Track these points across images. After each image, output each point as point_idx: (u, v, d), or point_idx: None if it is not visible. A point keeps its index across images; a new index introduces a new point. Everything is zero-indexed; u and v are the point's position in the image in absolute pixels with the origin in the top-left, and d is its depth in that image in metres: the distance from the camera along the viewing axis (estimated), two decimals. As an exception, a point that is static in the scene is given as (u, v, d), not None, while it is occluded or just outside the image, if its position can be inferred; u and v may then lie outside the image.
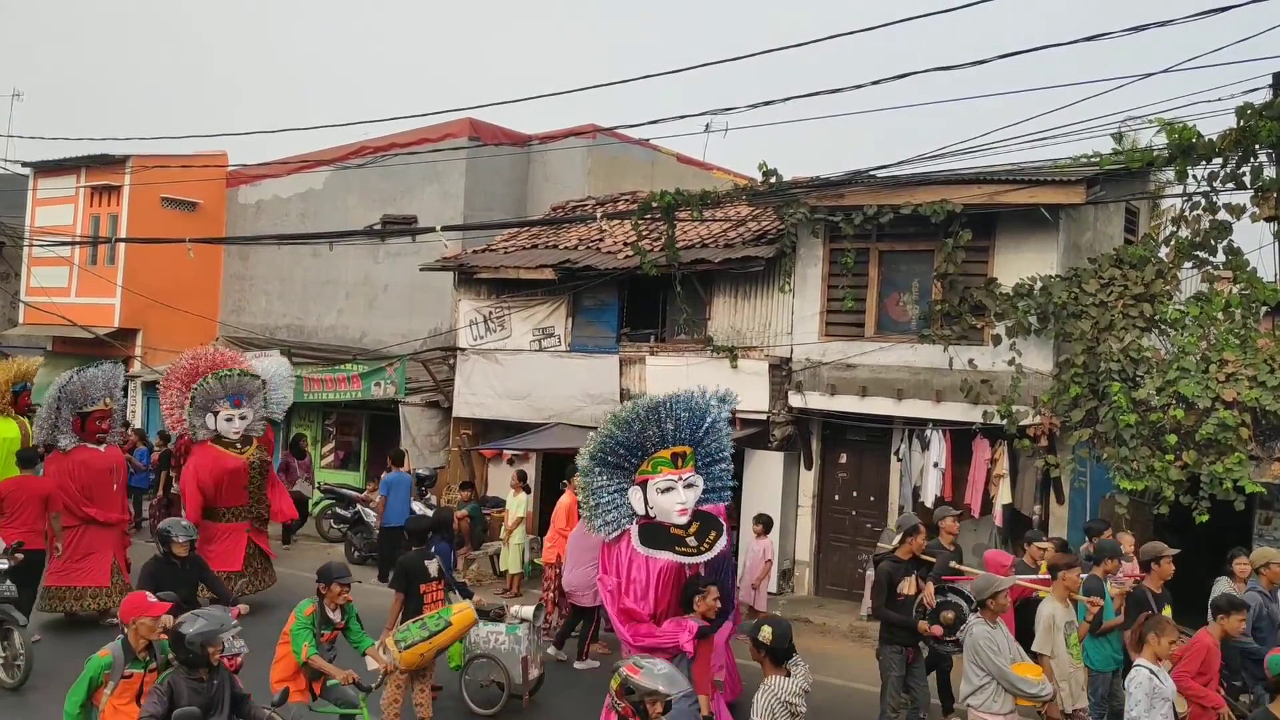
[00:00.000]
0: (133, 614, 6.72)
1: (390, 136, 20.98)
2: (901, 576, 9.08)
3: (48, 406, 12.49)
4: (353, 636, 8.25)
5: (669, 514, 8.40)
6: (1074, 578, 8.36)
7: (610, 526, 8.51)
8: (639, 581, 8.26)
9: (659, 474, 8.49)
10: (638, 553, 8.28)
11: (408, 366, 18.46)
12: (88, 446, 12.56)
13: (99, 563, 12.40)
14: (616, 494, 8.54)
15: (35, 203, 25.18)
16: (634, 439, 8.53)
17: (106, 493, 12.61)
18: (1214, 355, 11.50)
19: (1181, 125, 11.69)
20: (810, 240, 14.22)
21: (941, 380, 13.19)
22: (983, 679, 7.43)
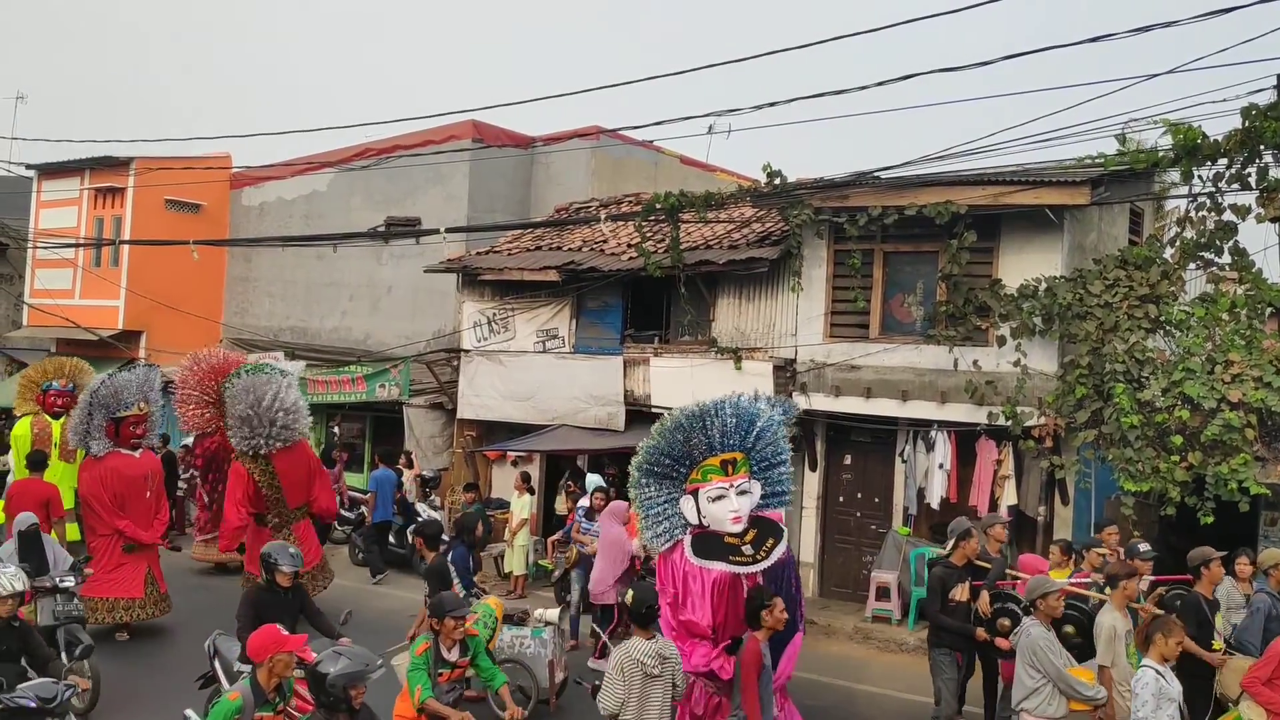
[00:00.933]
0: (268, 650, 6.33)
1: (394, 138, 21.01)
2: (955, 582, 8.96)
3: (80, 411, 12.14)
4: (483, 674, 7.60)
5: (722, 523, 8.04)
6: (1134, 587, 8.17)
7: (663, 538, 8.16)
8: (695, 593, 7.93)
9: (709, 482, 8.11)
10: (692, 563, 7.95)
11: (412, 368, 18.47)
12: (121, 452, 12.12)
13: (132, 573, 11.98)
14: (667, 504, 8.21)
15: (39, 205, 25.24)
16: (680, 448, 8.18)
17: (140, 500, 12.17)
18: (1219, 356, 11.48)
19: (1187, 126, 11.67)
20: (815, 241, 14.21)
21: (946, 381, 13.18)
22: (1038, 681, 7.35)
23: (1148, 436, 11.43)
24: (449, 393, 17.94)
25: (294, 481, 12.78)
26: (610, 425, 15.64)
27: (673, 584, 8.09)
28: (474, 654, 7.56)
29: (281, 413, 12.54)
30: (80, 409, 12.15)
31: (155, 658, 11.23)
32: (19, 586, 7.26)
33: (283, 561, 8.41)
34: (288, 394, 12.73)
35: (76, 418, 12.19)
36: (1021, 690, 7.47)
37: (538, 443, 16.05)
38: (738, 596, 7.83)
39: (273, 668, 6.30)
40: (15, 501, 11.92)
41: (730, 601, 7.86)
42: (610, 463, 16.34)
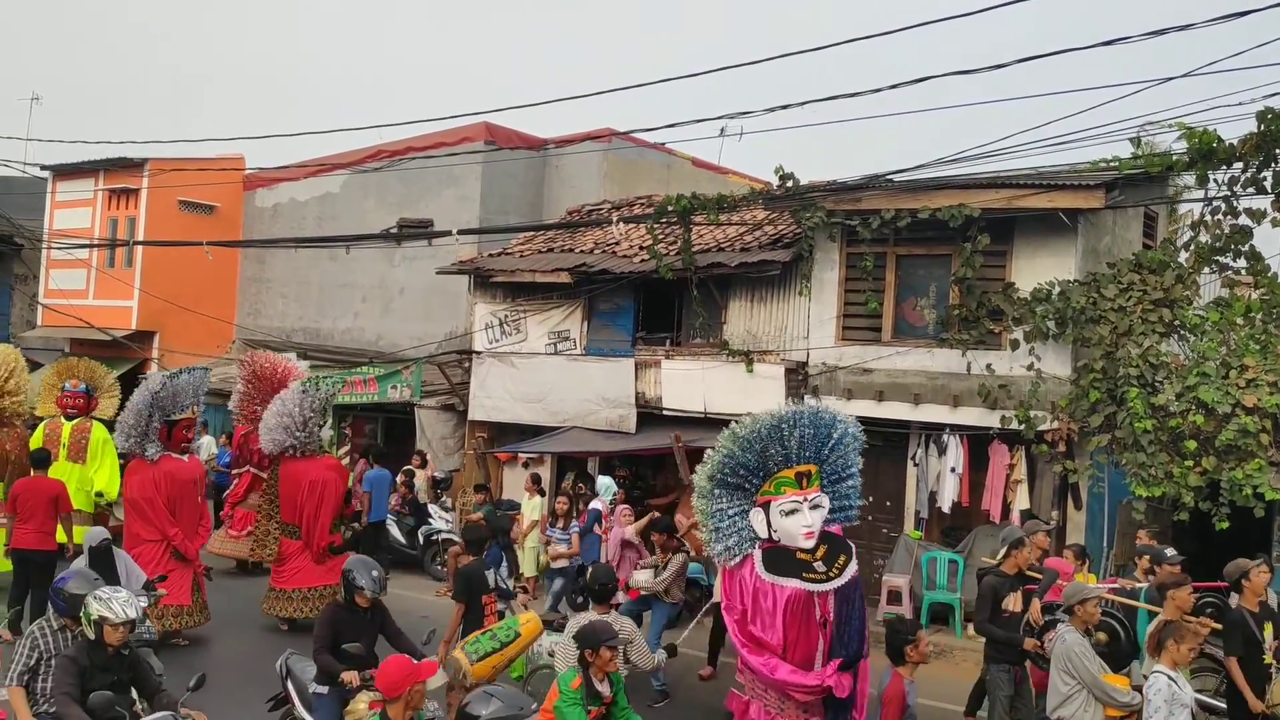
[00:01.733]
0: (405, 684, 6.00)
1: (407, 140, 21.06)
2: (1007, 592, 8.77)
3: (135, 414, 11.68)
4: (619, 713, 7.02)
5: (794, 538, 7.73)
6: (1185, 596, 7.99)
7: (731, 551, 7.79)
8: (765, 610, 7.57)
9: (782, 495, 7.79)
10: (763, 580, 7.61)
11: (424, 369, 18.50)
12: (173, 456, 11.83)
13: (180, 580, 11.55)
14: (737, 516, 7.85)
15: (54, 205, 25.38)
16: (755, 458, 7.81)
17: (191, 505, 11.92)
18: (1234, 360, 11.41)
19: (1202, 129, 11.61)
20: (827, 244, 14.19)
21: (959, 385, 13.14)
22: (1072, 688, 7.25)
23: (1161, 441, 11.38)
24: (460, 394, 17.96)
25: (287, 495, 12.78)
26: (621, 427, 15.64)
27: (740, 599, 7.75)
28: (616, 689, 6.99)
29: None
30: (138, 410, 11.71)
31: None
32: (131, 614, 6.61)
33: (364, 580, 7.69)
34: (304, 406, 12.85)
35: (130, 418, 11.71)
36: (1056, 697, 7.34)
37: (549, 444, 16.05)
38: (810, 615, 7.57)
39: (410, 700, 6.03)
40: (23, 499, 11.95)
41: (802, 620, 7.57)
42: (621, 465, 16.33)
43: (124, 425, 11.81)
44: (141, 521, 11.58)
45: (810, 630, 7.53)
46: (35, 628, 6.98)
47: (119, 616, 6.53)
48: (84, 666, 6.51)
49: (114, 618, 6.51)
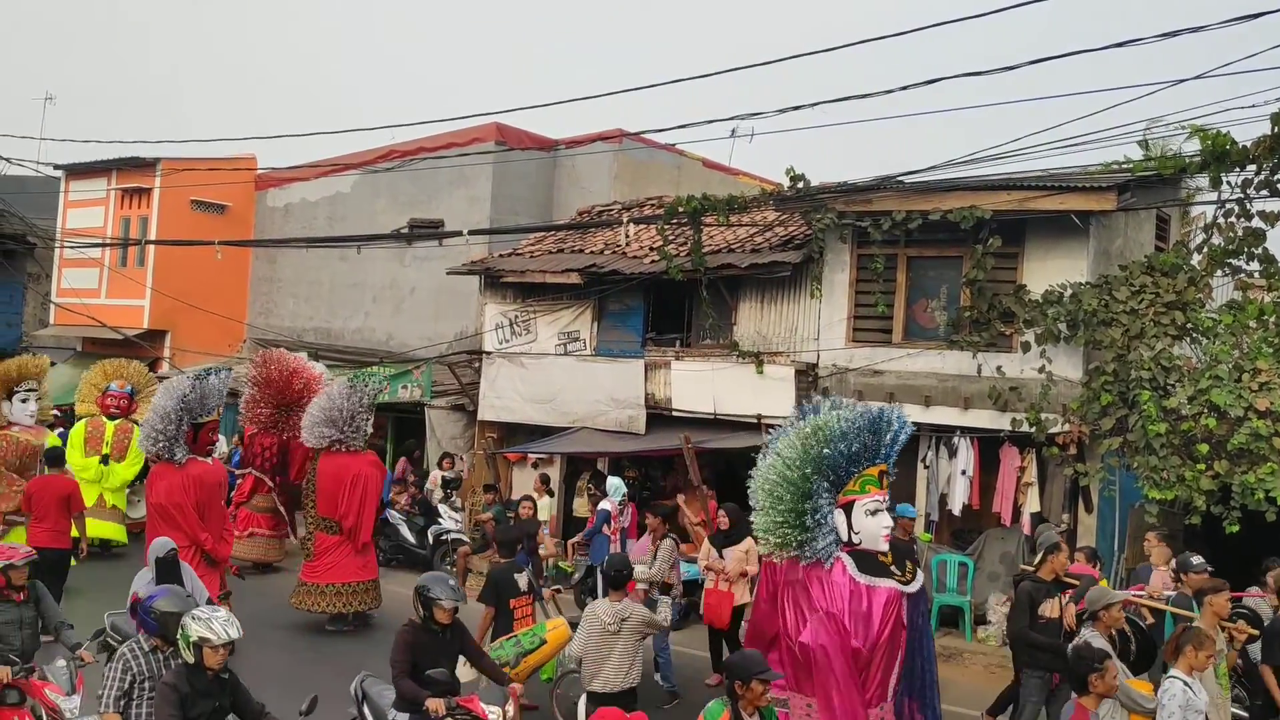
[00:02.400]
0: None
1: (418, 141, 21.09)
2: (1043, 598, 8.64)
3: (162, 417, 11.42)
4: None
5: (875, 539, 7.43)
6: (1222, 603, 7.88)
7: (828, 551, 7.40)
8: (860, 613, 7.20)
9: (868, 494, 7.47)
10: (859, 581, 7.26)
11: (434, 369, 18.52)
12: (199, 460, 11.69)
13: (209, 586, 11.34)
14: (829, 514, 7.49)
15: (66, 205, 25.47)
16: (853, 452, 7.48)
17: (218, 509, 11.81)
18: (1247, 364, 11.37)
19: (1215, 131, 11.56)
20: (837, 246, 14.16)
21: (969, 387, 13.10)
22: None
23: (1173, 444, 11.33)
24: (470, 394, 17.98)
25: (327, 490, 12.88)
26: (631, 428, 15.63)
27: (829, 602, 7.28)
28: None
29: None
30: (165, 413, 11.43)
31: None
32: (233, 634, 6.19)
33: (441, 594, 7.16)
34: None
35: (158, 422, 11.45)
36: None
37: (558, 445, 16.06)
38: (900, 619, 7.33)
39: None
40: (37, 498, 12.01)
41: (895, 624, 7.30)
42: (630, 465, 16.32)
43: (150, 429, 11.52)
44: (168, 526, 11.25)
45: (899, 635, 7.27)
46: (126, 649, 6.67)
47: (220, 637, 6.14)
48: (184, 693, 6.15)
49: (215, 639, 6.13)
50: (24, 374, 14.71)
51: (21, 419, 14.52)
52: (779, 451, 7.70)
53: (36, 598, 8.16)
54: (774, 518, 7.56)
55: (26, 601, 8.05)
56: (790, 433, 7.82)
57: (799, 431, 7.67)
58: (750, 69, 12.43)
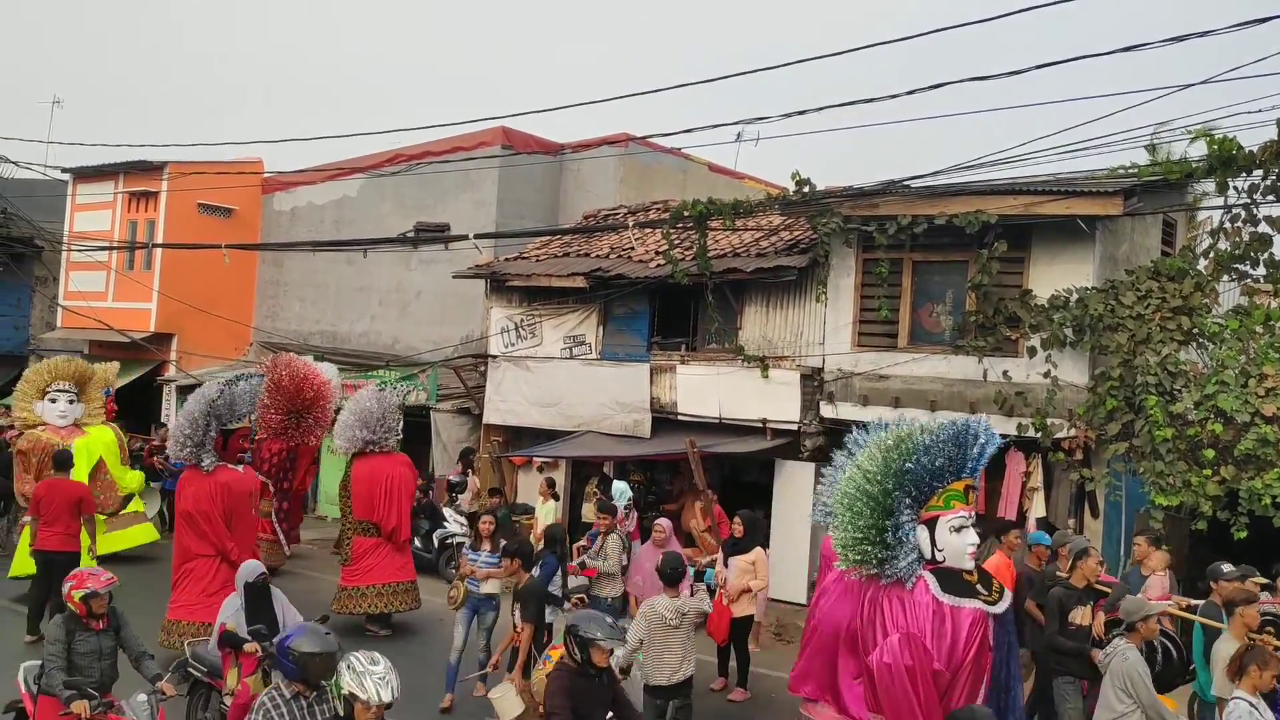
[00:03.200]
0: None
1: (424, 145, 21.12)
2: (1074, 604, 8.54)
3: (192, 423, 11.20)
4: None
5: (960, 557, 7.08)
6: (1253, 614, 7.79)
7: (911, 569, 7.05)
8: (946, 634, 6.87)
9: (952, 509, 7.12)
10: (941, 603, 6.92)
11: (439, 373, 18.54)
12: (228, 467, 11.44)
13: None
14: (911, 530, 7.13)
15: (74, 208, 25.52)
16: (936, 468, 7.14)
17: (247, 518, 11.56)
18: (1253, 369, 11.34)
19: (1222, 136, 11.54)
20: (843, 250, 14.16)
21: (975, 392, 13.08)
22: (1127, 707, 7.11)
23: (1180, 450, 11.30)
24: (476, 398, 17.99)
25: (363, 493, 12.93)
26: (636, 432, 15.64)
27: (909, 622, 6.94)
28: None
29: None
30: (194, 419, 11.22)
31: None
32: (388, 697, 5.40)
33: (600, 634, 6.41)
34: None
35: (186, 427, 11.23)
36: (1109, 713, 7.21)
37: (564, 449, 16.06)
38: (986, 641, 7.03)
39: None
40: (46, 501, 12.02)
41: (980, 647, 6.98)
42: (636, 469, 16.32)
43: (179, 434, 11.32)
44: (195, 535, 11.10)
45: (984, 657, 6.97)
46: (266, 698, 6.14)
47: (374, 699, 5.33)
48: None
49: (368, 699, 5.32)
50: (56, 375, 14.76)
51: (52, 419, 14.55)
52: (859, 464, 7.35)
53: (117, 626, 7.71)
54: (853, 533, 7.20)
55: (106, 630, 7.62)
56: (870, 445, 7.47)
57: (879, 443, 7.32)
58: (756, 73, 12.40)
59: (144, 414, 22.69)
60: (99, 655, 7.52)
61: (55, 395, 14.67)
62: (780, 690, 11.54)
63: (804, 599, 14.48)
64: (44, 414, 14.59)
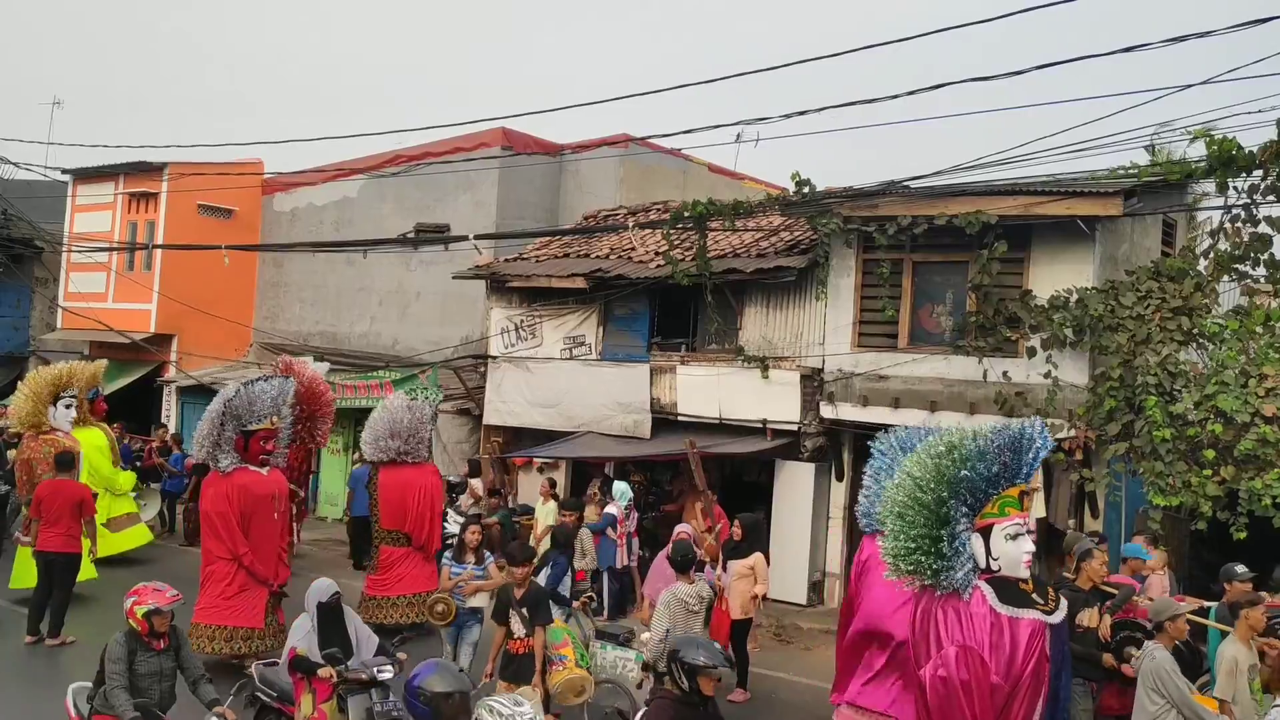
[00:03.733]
0: None
1: (424, 146, 21.11)
2: (1081, 607, 8.43)
3: (209, 423, 11.04)
4: None
5: (1015, 565, 6.84)
6: (1258, 617, 7.71)
7: (967, 580, 6.78)
8: (1004, 646, 6.65)
9: (1007, 517, 6.86)
10: (1000, 613, 6.69)
11: (439, 374, 18.54)
12: (249, 469, 11.11)
13: (252, 601, 11.00)
14: (965, 540, 6.85)
15: (74, 209, 25.50)
16: (993, 475, 6.88)
17: (267, 521, 11.19)
18: (1253, 370, 11.34)
19: (1222, 137, 11.54)
20: (843, 251, 14.17)
21: (975, 392, 13.08)
22: (1160, 708, 7.06)
23: (1179, 450, 11.30)
24: (476, 399, 18.00)
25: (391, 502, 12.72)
26: (636, 433, 15.64)
27: (965, 634, 6.71)
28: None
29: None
30: (210, 419, 11.08)
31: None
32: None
33: (708, 659, 5.87)
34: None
35: (204, 427, 11.10)
36: (1143, 716, 7.18)
37: (564, 449, 16.07)
38: (1044, 653, 6.80)
39: None
40: (48, 502, 12.02)
41: (1039, 658, 6.75)
42: (636, 470, 16.33)
43: (198, 435, 11.23)
44: (214, 538, 11.00)
45: (1043, 669, 6.76)
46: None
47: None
48: None
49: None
50: (72, 380, 14.70)
51: (63, 425, 14.45)
52: (909, 471, 7.04)
53: (176, 645, 7.41)
54: (905, 543, 6.88)
55: (167, 650, 7.30)
56: (919, 451, 7.21)
57: (929, 450, 7.04)
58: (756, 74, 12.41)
59: (144, 415, 22.70)
60: (159, 676, 7.19)
61: (69, 401, 14.61)
62: (781, 689, 11.57)
63: (804, 600, 14.51)
64: (56, 420, 14.45)
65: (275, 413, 11.42)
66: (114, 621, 12.60)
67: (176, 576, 14.92)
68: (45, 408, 14.46)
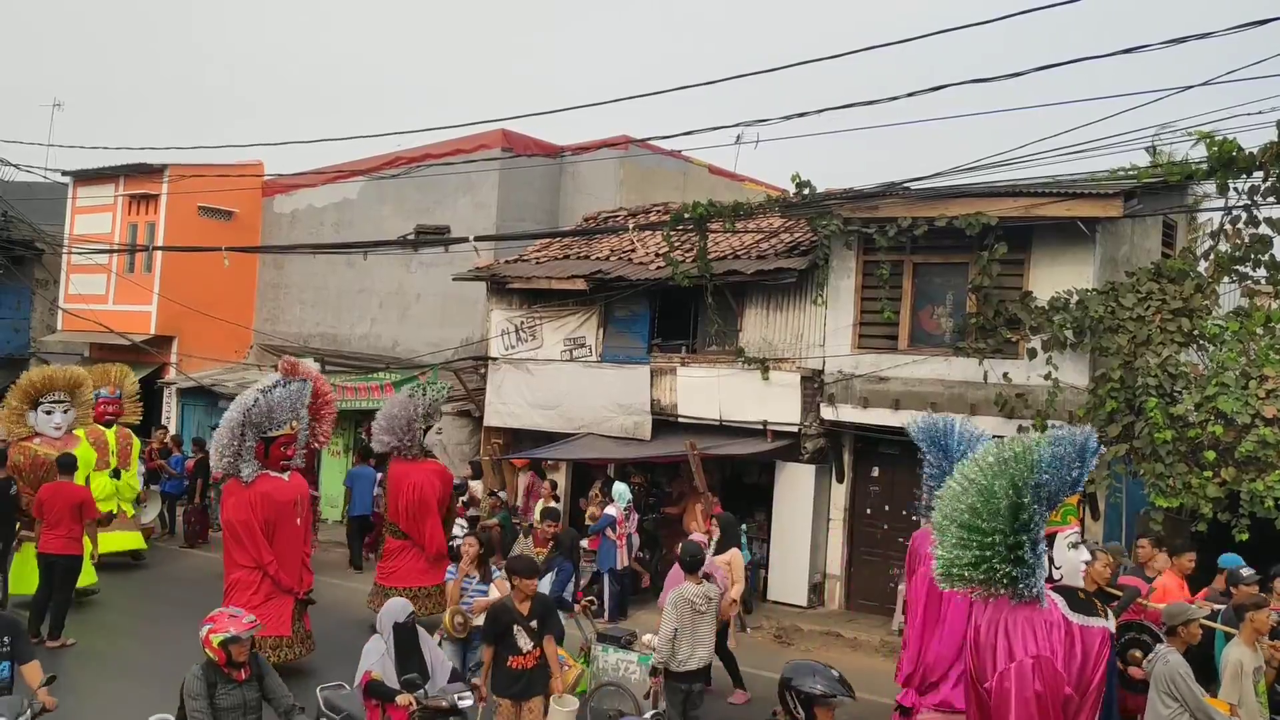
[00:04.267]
0: None
1: (424, 147, 21.13)
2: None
3: (229, 431, 10.81)
4: None
5: (1075, 574, 6.74)
6: (1263, 619, 7.66)
7: (1042, 588, 6.54)
8: (1077, 655, 6.49)
9: (1068, 525, 6.76)
10: (1071, 623, 6.52)
11: (439, 376, 18.53)
12: (271, 475, 10.95)
13: (279, 609, 10.77)
14: (1044, 548, 6.60)
15: (74, 211, 25.52)
16: (1073, 479, 6.62)
17: (290, 527, 11.03)
18: (1254, 371, 11.33)
19: (1222, 138, 11.54)
20: (843, 252, 14.16)
21: (976, 394, 13.08)
22: (1173, 711, 7.04)
23: (1180, 452, 11.29)
24: (476, 400, 17.99)
25: (391, 495, 13.22)
26: (637, 434, 15.64)
27: (1040, 644, 6.47)
28: None
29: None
30: (229, 428, 10.83)
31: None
32: None
33: (821, 684, 5.38)
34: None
35: (224, 436, 10.83)
36: (1156, 719, 7.16)
37: (564, 451, 16.06)
38: (1110, 660, 6.72)
39: None
40: (49, 505, 12.01)
41: (1106, 666, 6.63)
42: (636, 471, 16.32)
43: (218, 444, 10.94)
44: (238, 547, 10.82)
45: (1106, 678, 6.62)
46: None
47: None
48: None
49: None
50: (50, 385, 14.39)
51: (47, 431, 14.22)
52: (970, 478, 6.70)
53: (260, 674, 6.93)
54: (977, 551, 6.49)
55: (249, 680, 6.82)
56: (981, 458, 6.82)
57: (998, 457, 6.67)
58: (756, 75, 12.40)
59: (144, 416, 22.68)
60: (244, 709, 6.74)
61: (50, 406, 14.34)
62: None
63: (804, 602, 14.51)
64: (38, 425, 14.27)
65: (295, 417, 11.24)
66: (113, 623, 12.70)
67: (177, 579, 15.09)
68: (22, 414, 14.27)
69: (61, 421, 14.41)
